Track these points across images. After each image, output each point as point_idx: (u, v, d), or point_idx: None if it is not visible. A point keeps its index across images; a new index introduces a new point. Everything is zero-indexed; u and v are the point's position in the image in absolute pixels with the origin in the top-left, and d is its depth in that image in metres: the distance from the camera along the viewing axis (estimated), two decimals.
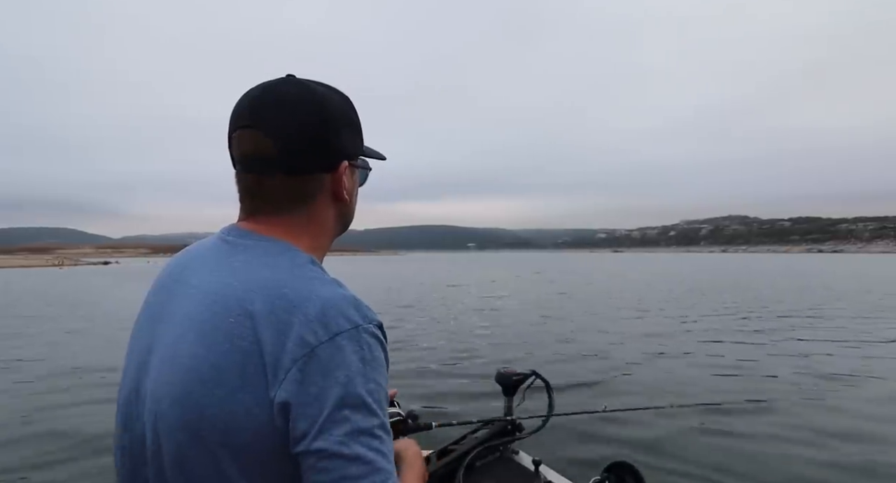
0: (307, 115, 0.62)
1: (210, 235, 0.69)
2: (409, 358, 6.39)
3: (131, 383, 0.63)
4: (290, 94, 0.62)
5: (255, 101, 0.62)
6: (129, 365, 0.65)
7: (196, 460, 0.54)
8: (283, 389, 0.52)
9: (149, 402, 0.59)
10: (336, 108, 0.65)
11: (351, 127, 0.67)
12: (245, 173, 0.64)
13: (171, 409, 0.55)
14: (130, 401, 0.62)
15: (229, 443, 0.53)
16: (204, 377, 0.54)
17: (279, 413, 0.52)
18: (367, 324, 0.57)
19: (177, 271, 0.66)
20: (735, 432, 3.71)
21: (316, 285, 0.58)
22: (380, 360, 0.57)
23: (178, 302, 0.62)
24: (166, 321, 0.62)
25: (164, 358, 0.59)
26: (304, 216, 0.65)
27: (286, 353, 0.53)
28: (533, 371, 1.54)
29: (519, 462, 1.54)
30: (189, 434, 0.54)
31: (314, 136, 0.62)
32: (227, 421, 0.53)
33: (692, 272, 32.17)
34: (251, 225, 0.65)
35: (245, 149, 0.62)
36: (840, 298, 13.87)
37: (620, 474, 1.51)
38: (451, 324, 9.56)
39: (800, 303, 12.72)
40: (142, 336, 0.64)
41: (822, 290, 16.81)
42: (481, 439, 1.51)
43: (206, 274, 0.61)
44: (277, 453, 0.53)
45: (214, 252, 0.64)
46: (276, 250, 0.61)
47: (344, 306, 0.56)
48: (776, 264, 45.54)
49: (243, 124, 0.62)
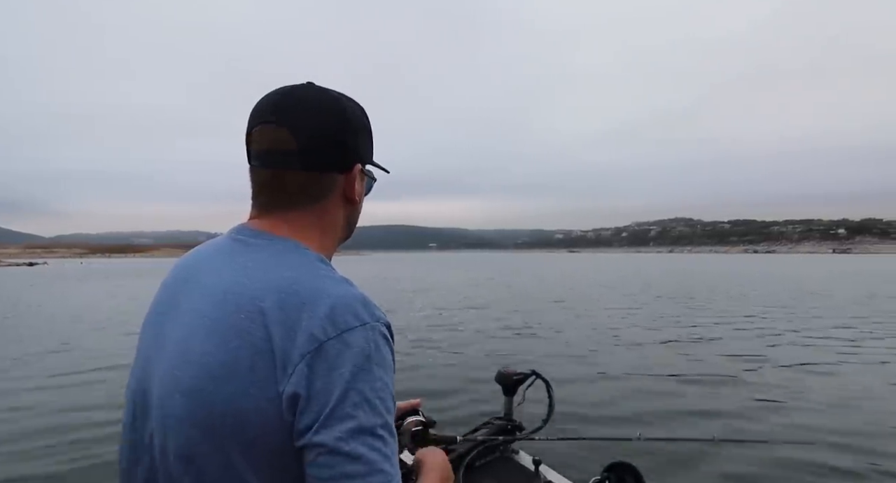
0: (328, 115, 0.65)
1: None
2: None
3: (140, 380, 0.63)
4: (313, 96, 0.65)
5: (279, 99, 0.64)
6: (138, 362, 0.65)
7: (205, 455, 0.55)
8: (291, 384, 0.52)
9: (158, 398, 0.59)
10: (354, 113, 0.68)
11: (366, 133, 0.70)
12: (262, 168, 0.65)
13: (181, 405, 0.56)
14: (139, 397, 0.62)
15: (239, 438, 0.53)
16: (214, 373, 0.54)
17: (287, 408, 0.53)
18: (376, 322, 0.57)
19: (186, 271, 0.66)
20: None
21: (326, 283, 0.59)
22: (387, 360, 0.57)
23: (188, 300, 0.62)
24: (176, 319, 0.62)
25: (173, 354, 0.59)
26: (315, 214, 0.67)
27: (295, 348, 0.53)
28: (533, 371, 1.53)
29: (519, 462, 1.52)
30: (199, 429, 0.55)
31: (333, 136, 0.65)
32: (238, 416, 0.53)
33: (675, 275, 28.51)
34: (262, 224, 0.66)
35: (265, 143, 0.64)
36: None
37: (620, 474, 1.51)
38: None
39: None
40: (151, 334, 0.65)
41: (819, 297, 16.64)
42: (481, 439, 1.49)
43: (217, 272, 0.62)
44: (286, 448, 0.53)
45: (225, 251, 0.65)
46: (286, 249, 0.62)
47: (353, 304, 0.57)
48: (731, 266, 45.73)
49: (265, 120, 0.64)
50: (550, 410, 1.50)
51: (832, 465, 3.24)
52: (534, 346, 7.36)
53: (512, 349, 7.13)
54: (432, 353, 6.84)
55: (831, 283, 20.96)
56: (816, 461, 3.28)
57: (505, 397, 1.56)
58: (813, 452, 3.40)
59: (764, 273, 30.90)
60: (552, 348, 7.16)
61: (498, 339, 7.91)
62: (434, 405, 4.49)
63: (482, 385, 5.00)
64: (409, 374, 5.60)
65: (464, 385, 5.16)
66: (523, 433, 1.54)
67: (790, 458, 3.32)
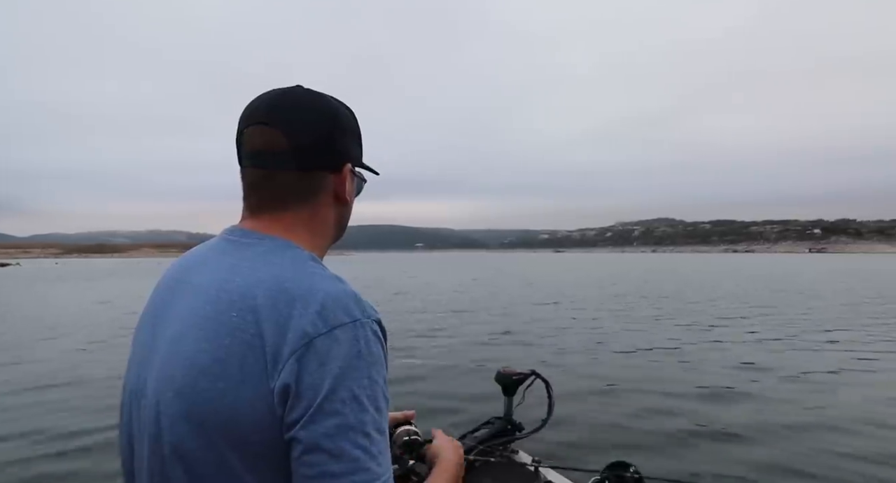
0: (319, 116, 0.66)
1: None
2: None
3: (134, 379, 0.64)
4: (305, 98, 0.66)
5: (270, 101, 0.65)
6: (132, 362, 0.66)
7: (198, 452, 0.55)
8: (282, 379, 0.52)
9: (151, 396, 0.59)
10: (344, 116, 0.69)
11: (355, 136, 0.71)
12: (253, 168, 0.66)
13: (175, 402, 0.56)
14: (134, 396, 0.63)
15: (232, 434, 0.54)
16: (207, 370, 0.55)
17: (279, 404, 0.53)
18: (367, 319, 0.57)
19: (179, 272, 0.67)
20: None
21: (318, 280, 0.59)
22: (377, 356, 0.57)
23: (181, 299, 0.63)
24: (169, 318, 0.62)
25: (167, 353, 0.59)
26: (306, 213, 0.67)
27: (286, 344, 0.53)
28: (533, 371, 1.51)
29: (519, 461, 1.51)
30: (192, 426, 0.55)
31: (324, 136, 0.65)
32: (230, 413, 0.53)
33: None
34: (253, 224, 0.66)
35: (257, 143, 0.64)
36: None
37: (620, 473, 1.50)
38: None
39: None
40: (144, 334, 0.66)
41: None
42: (481, 439, 1.48)
43: (209, 272, 0.63)
44: (279, 445, 0.53)
45: (217, 251, 0.65)
46: (278, 247, 0.63)
47: (344, 301, 0.57)
48: (715, 266, 46.13)
49: (257, 121, 0.64)
50: (550, 410, 1.48)
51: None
52: (529, 347, 7.38)
53: (507, 351, 7.12)
54: (425, 354, 6.80)
55: (820, 284, 21.23)
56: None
57: (505, 397, 1.54)
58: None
59: (749, 274, 31.49)
60: (548, 349, 7.18)
61: (491, 341, 7.90)
62: (434, 405, 4.46)
63: (480, 385, 4.98)
64: (407, 373, 5.56)
65: (463, 385, 5.14)
66: (523, 433, 1.53)
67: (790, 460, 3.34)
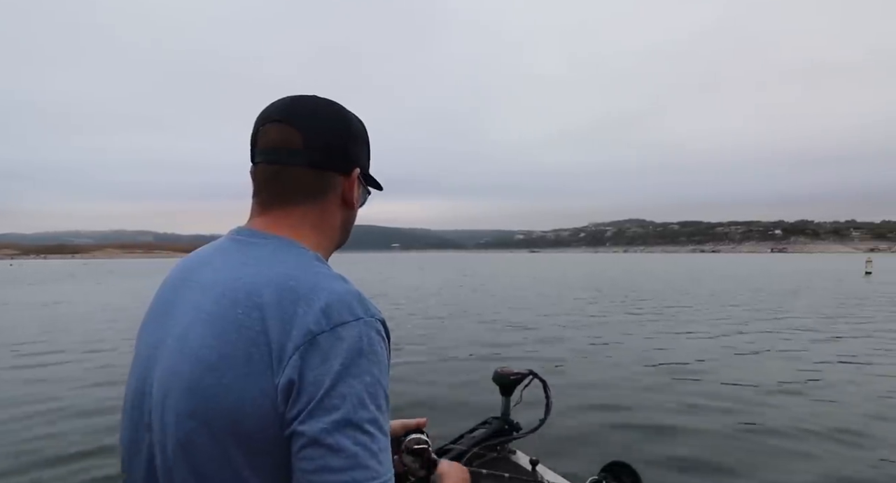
0: (334, 120, 0.69)
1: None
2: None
3: (139, 376, 0.64)
4: (321, 103, 0.69)
5: (287, 103, 0.68)
6: (137, 359, 0.66)
7: (203, 448, 0.55)
8: (285, 376, 0.53)
9: (157, 393, 0.60)
10: (357, 124, 0.72)
11: (366, 145, 0.74)
12: (266, 164, 0.67)
13: (180, 398, 0.57)
14: (138, 394, 0.63)
15: (237, 430, 0.54)
16: (212, 366, 0.55)
17: (282, 400, 0.53)
18: (370, 318, 0.58)
19: (185, 271, 0.68)
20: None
21: (322, 279, 0.60)
22: (379, 355, 0.57)
23: (187, 297, 0.63)
24: (174, 316, 0.63)
25: (172, 349, 0.60)
26: (314, 213, 0.68)
27: (290, 341, 0.54)
28: (530, 370, 1.50)
29: (516, 461, 1.50)
30: (197, 422, 0.55)
31: (337, 138, 0.68)
32: (235, 409, 0.54)
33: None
34: (261, 222, 0.67)
35: (272, 140, 0.66)
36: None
37: (618, 474, 1.51)
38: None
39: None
40: (149, 331, 0.66)
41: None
42: (478, 439, 1.46)
43: (215, 270, 0.64)
44: (281, 441, 0.54)
45: (223, 251, 0.66)
46: (283, 246, 0.64)
47: (348, 300, 0.58)
48: (692, 265, 47.60)
49: (274, 119, 0.66)
50: (548, 410, 1.49)
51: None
52: (527, 347, 7.33)
53: (506, 351, 7.02)
54: (420, 354, 6.70)
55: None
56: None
57: (502, 397, 1.53)
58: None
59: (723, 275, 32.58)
60: (547, 349, 7.14)
61: (488, 341, 7.77)
62: (434, 405, 4.43)
63: (478, 385, 4.94)
64: (403, 373, 5.47)
65: (460, 385, 5.09)
66: (521, 433, 1.52)
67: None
